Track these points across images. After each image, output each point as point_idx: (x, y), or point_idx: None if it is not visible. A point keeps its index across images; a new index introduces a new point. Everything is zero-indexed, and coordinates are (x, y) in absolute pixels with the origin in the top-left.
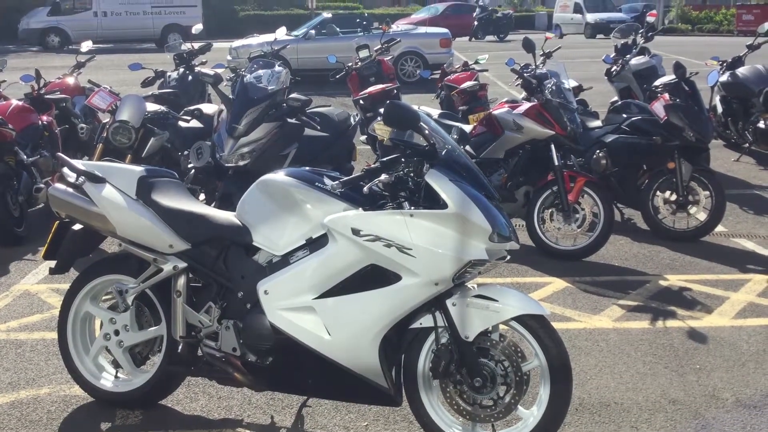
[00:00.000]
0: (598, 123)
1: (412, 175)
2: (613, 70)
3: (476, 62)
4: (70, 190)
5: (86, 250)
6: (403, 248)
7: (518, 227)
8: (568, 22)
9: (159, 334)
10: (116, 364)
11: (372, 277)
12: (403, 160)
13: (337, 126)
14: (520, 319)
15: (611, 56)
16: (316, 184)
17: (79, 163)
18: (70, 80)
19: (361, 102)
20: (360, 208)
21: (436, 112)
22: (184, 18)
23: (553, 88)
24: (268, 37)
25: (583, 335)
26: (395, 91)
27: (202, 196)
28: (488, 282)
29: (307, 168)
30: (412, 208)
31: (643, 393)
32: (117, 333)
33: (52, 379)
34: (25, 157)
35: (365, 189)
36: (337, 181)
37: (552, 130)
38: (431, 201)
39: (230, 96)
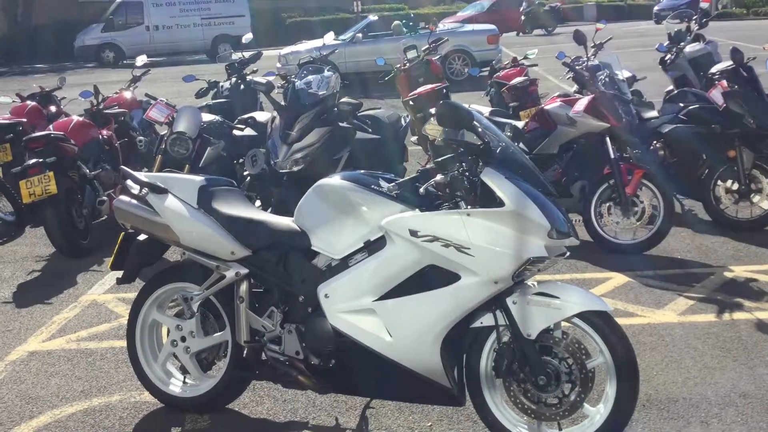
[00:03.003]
0: (654, 113)
1: (467, 174)
2: (667, 58)
3: (525, 57)
4: (134, 201)
5: (151, 260)
6: (461, 248)
7: (575, 223)
8: None
9: (224, 340)
10: (184, 370)
11: (431, 278)
12: (458, 159)
13: (388, 128)
14: (583, 316)
15: (665, 44)
16: (372, 186)
17: (141, 175)
18: (127, 94)
19: (411, 103)
20: (417, 209)
21: (486, 109)
22: (234, 28)
23: (606, 79)
24: (317, 43)
25: (647, 330)
26: (445, 91)
27: (258, 203)
28: (547, 279)
29: (362, 171)
30: (469, 207)
31: (712, 387)
32: (183, 339)
33: (123, 386)
34: (87, 171)
35: (421, 190)
36: (392, 183)
37: (606, 122)
38: (488, 200)
39: (282, 103)
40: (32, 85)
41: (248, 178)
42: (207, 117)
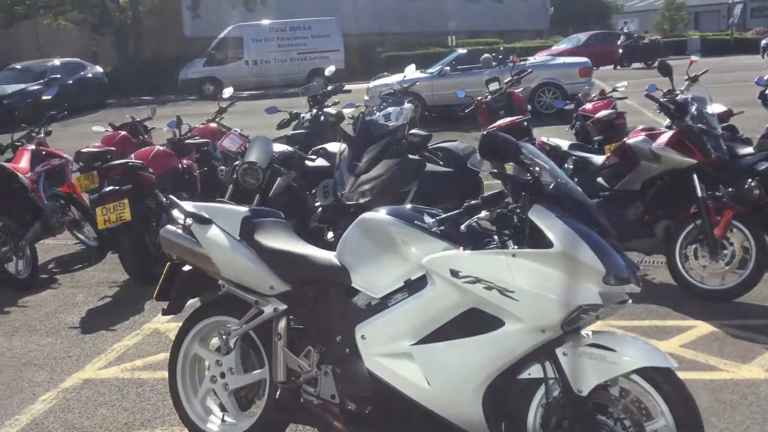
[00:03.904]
0: (749, 149)
1: (517, 211)
2: (767, 92)
3: (614, 90)
4: (180, 231)
5: (197, 291)
6: (505, 291)
7: (658, 264)
8: None
9: (263, 378)
10: (223, 408)
11: (474, 322)
12: (505, 195)
13: (462, 161)
14: (643, 372)
15: (765, 78)
16: (415, 222)
17: (188, 205)
18: (213, 125)
19: None
20: (461, 248)
21: (565, 143)
22: (328, 62)
23: (695, 113)
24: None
25: (729, 387)
26: (525, 124)
27: (330, 234)
28: (623, 325)
29: (409, 206)
30: (516, 247)
31: None
32: (223, 375)
33: (166, 420)
34: (164, 199)
35: (462, 227)
36: (434, 219)
37: (693, 158)
38: (537, 240)
39: (352, 134)
40: (125, 115)
41: (320, 209)
42: (279, 147)
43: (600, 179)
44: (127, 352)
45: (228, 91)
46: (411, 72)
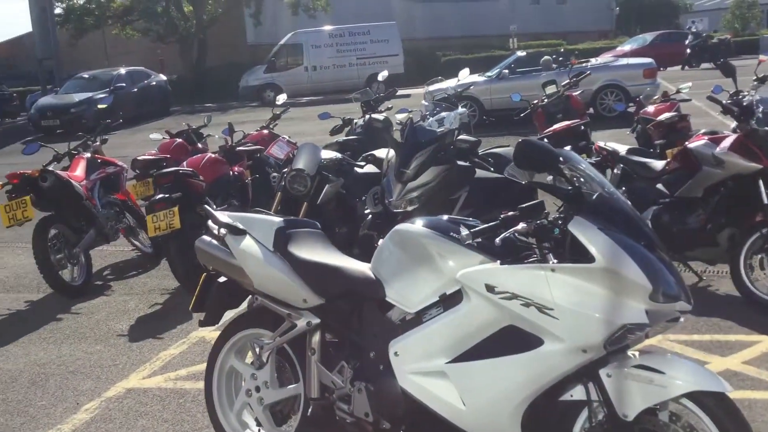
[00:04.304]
0: None
1: (560, 223)
2: None
3: (677, 92)
4: (215, 242)
5: (234, 303)
6: (543, 308)
7: (722, 274)
8: None
9: (298, 393)
10: (258, 422)
11: (511, 340)
12: (544, 206)
13: None
14: (694, 397)
15: None
16: (451, 234)
17: (223, 215)
18: (266, 132)
19: (545, 140)
20: (498, 261)
21: (623, 147)
22: (387, 67)
23: (760, 115)
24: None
25: None
26: (582, 128)
27: (380, 242)
28: (682, 339)
29: (446, 217)
30: (556, 261)
31: None
32: (258, 389)
33: None
34: (214, 206)
35: (497, 240)
36: (468, 231)
37: (759, 163)
38: (580, 254)
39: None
40: (182, 123)
41: (370, 216)
42: (327, 154)
43: (660, 185)
44: (172, 361)
45: (282, 98)
46: (465, 76)
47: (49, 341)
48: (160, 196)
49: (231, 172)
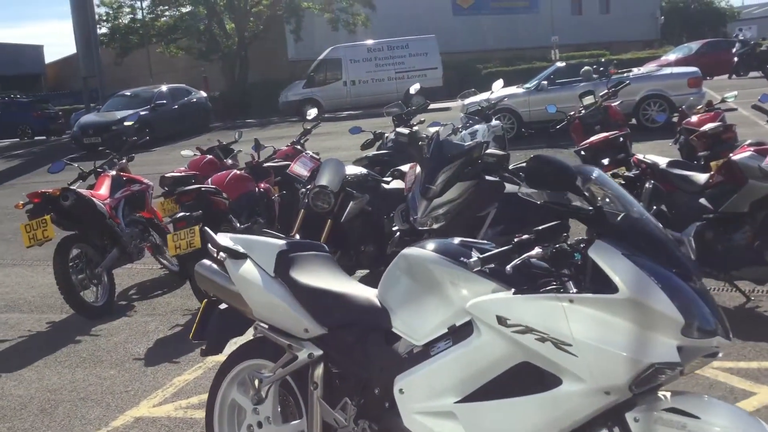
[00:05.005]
0: None
1: (581, 247)
2: None
3: (722, 101)
4: (214, 266)
5: (237, 331)
6: (560, 344)
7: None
8: None
9: (301, 429)
10: None
11: (526, 379)
12: (563, 228)
13: None
14: None
15: None
16: (462, 259)
17: (225, 237)
18: (297, 147)
19: (582, 153)
20: (512, 290)
21: (664, 160)
22: (426, 80)
23: None
24: (504, 91)
25: None
26: (621, 139)
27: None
28: (727, 366)
29: (458, 240)
30: (575, 291)
31: None
32: (260, 425)
33: None
34: (238, 224)
35: (508, 267)
36: (477, 258)
37: None
38: (603, 282)
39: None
40: (213, 139)
41: (398, 234)
42: (353, 170)
43: (703, 200)
44: (185, 388)
45: (312, 113)
46: (498, 87)
47: (64, 365)
48: (181, 214)
49: (257, 189)
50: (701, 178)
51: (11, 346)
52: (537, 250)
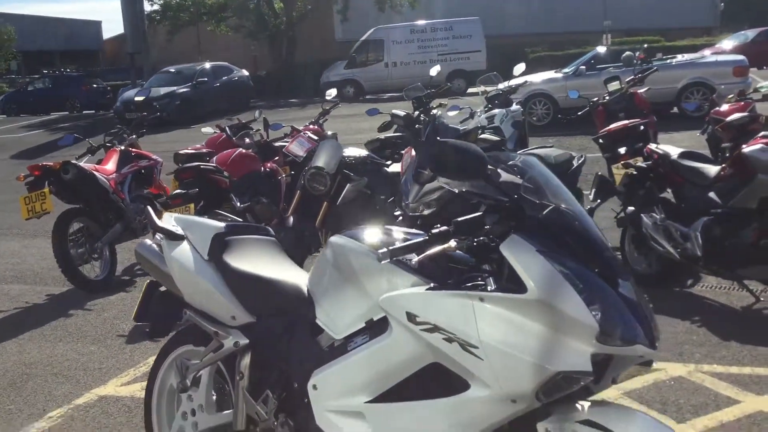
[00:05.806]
0: None
1: (497, 241)
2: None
3: (755, 90)
4: (154, 247)
5: (178, 314)
6: (467, 345)
7: None
8: None
9: (230, 420)
10: None
11: (436, 382)
12: (482, 220)
13: (553, 169)
14: None
15: None
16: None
17: (169, 217)
18: (315, 127)
19: (600, 141)
20: (431, 284)
21: (676, 150)
22: (469, 63)
23: None
24: (546, 74)
25: None
26: (642, 128)
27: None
28: (717, 371)
29: (394, 228)
30: (489, 289)
31: None
32: (194, 413)
33: None
34: (239, 203)
35: (414, 260)
36: (386, 249)
37: None
38: (518, 281)
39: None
40: (233, 118)
41: (400, 218)
42: (352, 152)
43: (712, 194)
44: None
45: (331, 93)
46: (520, 71)
47: (48, 339)
48: (178, 191)
49: (262, 168)
50: (712, 170)
51: (5, 318)
52: (452, 243)
